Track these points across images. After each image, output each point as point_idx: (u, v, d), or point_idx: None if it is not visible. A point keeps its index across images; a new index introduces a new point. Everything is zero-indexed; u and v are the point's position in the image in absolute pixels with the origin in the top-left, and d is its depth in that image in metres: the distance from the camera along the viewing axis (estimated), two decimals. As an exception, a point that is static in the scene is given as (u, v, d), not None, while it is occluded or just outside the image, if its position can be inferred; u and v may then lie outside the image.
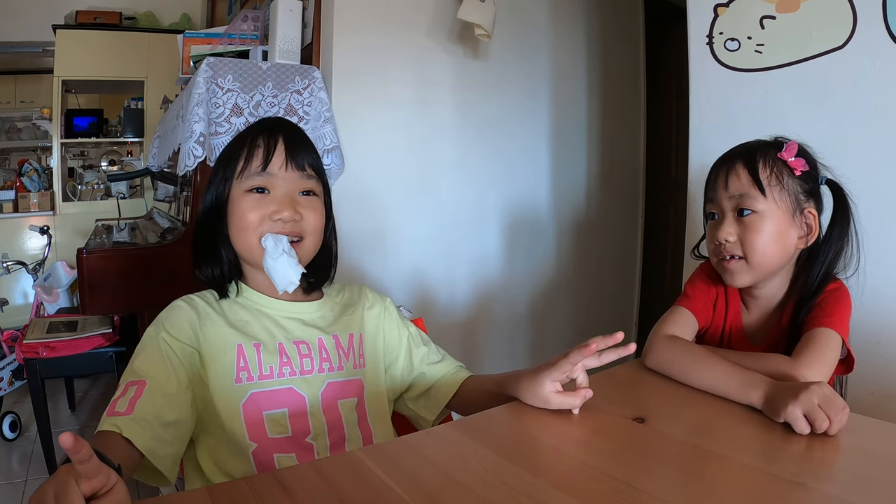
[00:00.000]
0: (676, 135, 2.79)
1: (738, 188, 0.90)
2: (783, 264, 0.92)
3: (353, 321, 0.94)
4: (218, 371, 0.81)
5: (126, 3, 3.99)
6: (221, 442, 0.80)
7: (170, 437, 0.74)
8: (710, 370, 0.82)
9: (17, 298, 3.71)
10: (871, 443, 0.69)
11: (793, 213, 0.90)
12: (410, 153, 2.04)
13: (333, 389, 0.86)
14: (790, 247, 0.91)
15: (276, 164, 0.85)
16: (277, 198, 0.85)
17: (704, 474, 0.61)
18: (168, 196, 2.56)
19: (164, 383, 0.76)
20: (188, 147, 1.67)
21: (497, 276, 2.30)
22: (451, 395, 0.94)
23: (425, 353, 0.98)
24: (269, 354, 0.84)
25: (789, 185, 0.90)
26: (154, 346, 0.80)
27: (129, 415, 0.70)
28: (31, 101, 4.35)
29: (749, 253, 0.90)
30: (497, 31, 1.98)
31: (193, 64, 1.91)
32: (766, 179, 0.89)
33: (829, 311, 0.86)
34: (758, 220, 0.89)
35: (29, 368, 2.00)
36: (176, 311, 0.85)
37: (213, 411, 0.80)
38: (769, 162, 0.90)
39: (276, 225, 0.84)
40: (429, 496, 0.57)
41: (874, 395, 1.18)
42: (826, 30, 1.26)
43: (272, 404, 0.82)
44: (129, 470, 0.69)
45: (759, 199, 0.89)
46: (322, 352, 0.88)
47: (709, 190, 0.96)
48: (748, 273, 0.91)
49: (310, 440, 0.82)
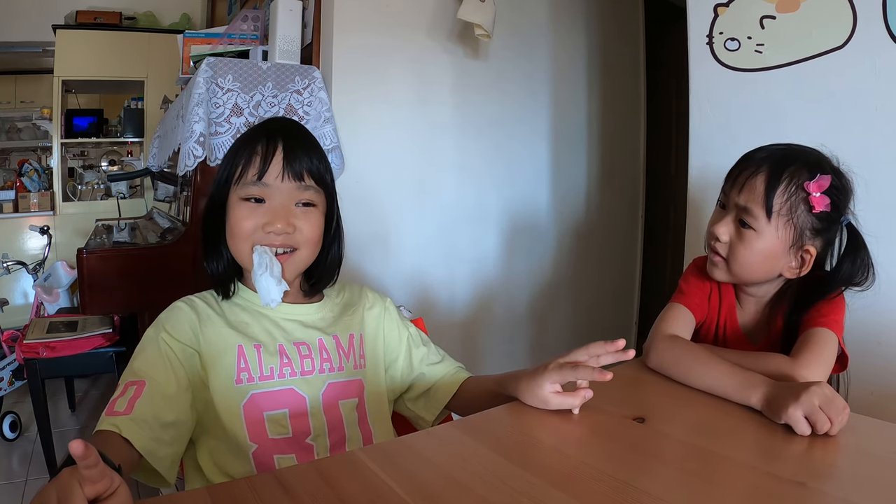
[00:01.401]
0: (676, 134, 2.79)
1: (748, 199, 0.87)
2: (764, 281, 0.93)
3: (354, 322, 0.94)
4: (218, 372, 0.81)
5: (126, 3, 3.99)
6: (222, 443, 0.80)
7: (168, 437, 0.74)
8: (710, 371, 0.82)
9: (18, 298, 3.71)
10: (871, 443, 0.69)
11: (790, 245, 0.87)
12: (410, 153, 2.04)
13: (334, 390, 0.86)
14: (775, 271, 0.90)
15: (273, 175, 0.82)
16: (272, 209, 0.83)
17: (705, 474, 0.61)
18: (168, 196, 2.57)
19: (163, 384, 0.76)
20: (188, 147, 1.67)
21: (497, 276, 2.30)
22: (450, 396, 0.93)
23: (425, 353, 0.98)
24: (270, 355, 0.84)
25: (799, 220, 0.86)
26: (154, 347, 0.79)
27: (128, 415, 0.70)
28: (32, 101, 4.35)
29: (732, 261, 0.90)
30: (497, 31, 1.98)
31: (193, 64, 1.91)
32: (778, 206, 0.85)
33: (825, 311, 0.86)
34: (752, 238, 0.87)
35: (29, 368, 2.00)
36: (176, 313, 0.84)
37: (214, 412, 0.80)
38: (791, 187, 0.85)
39: (269, 236, 0.83)
40: (429, 496, 0.57)
41: (874, 394, 1.18)
42: (826, 29, 1.26)
43: (273, 405, 0.81)
44: (128, 470, 0.69)
45: (762, 220, 0.86)
46: (323, 352, 0.87)
47: (727, 180, 0.93)
48: (726, 275, 0.93)
49: (310, 441, 0.82)
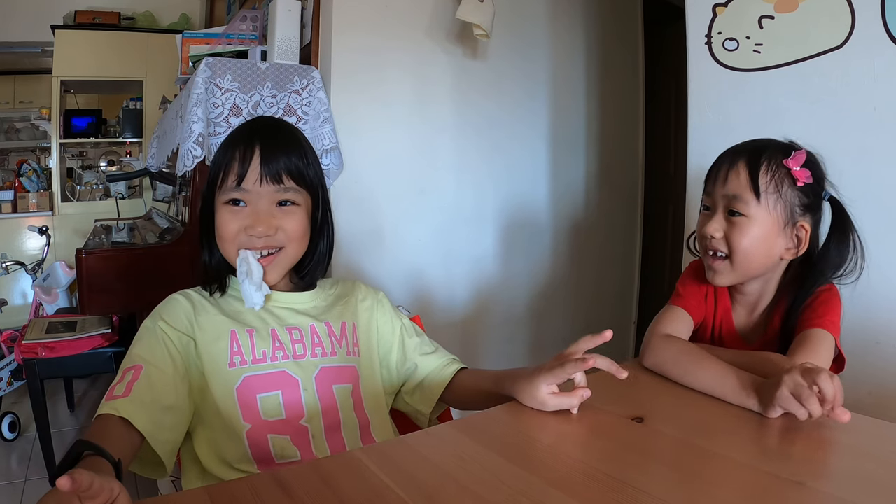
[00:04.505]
0: (675, 134, 2.79)
1: (735, 188, 0.89)
2: (766, 270, 0.92)
3: (346, 311, 0.96)
4: (213, 357, 0.83)
5: (125, 3, 3.98)
6: (217, 429, 0.81)
7: (168, 422, 0.76)
8: (706, 372, 0.82)
9: (16, 299, 3.71)
10: (869, 442, 0.69)
11: (784, 224, 0.88)
12: (409, 153, 2.04)
13: (327, 374, 0.87)
14: (775, 255, 0.90)
15: (251, 180, 0.84)
16: (253, 212, 0.85)
17: (703, 473, 0.61)
18: (167, 196, 2.57)
19: (161, 367, 0.78)
20: (187, 147, 1.67)
21: (496, 276, 2.30)
22: (443, 387, 0.94)
23: (418, 343, 0.99)
24: (262, 339, 0.86)
25: (787, 196, 0.88)
26: (151, 335, 0.82)
27: (126, 397, 0.72)
28: (30, 101, 4.35)
29: (733, 255, 0.89)
30: (496, 31, 1.98)
31: (192, 64, 1.91)
32: (764, 185, 0.87)
33: (821, 312, 0.86)
34: (746, 224, 0.88)
35: (28, 369, 2.00)
36: (172, 303, 0.87)
37: (210, 398, 0.82)
38: (773, 167, 0.88)
39: (251, 239, 0.85)
40: (428, 496, 0.57)
41: (872, 394, 1.18)
42: (824, 30, 1.26)
43: (266, 387, 0.83)
44: (129, 459, 0.70)
45: (752, 204, 0.87)
46: (314, 337, 0.89)
47: (707, 182, 0.94)
48: (731, 273, 0.91)
49: (304, 423, 0.83)
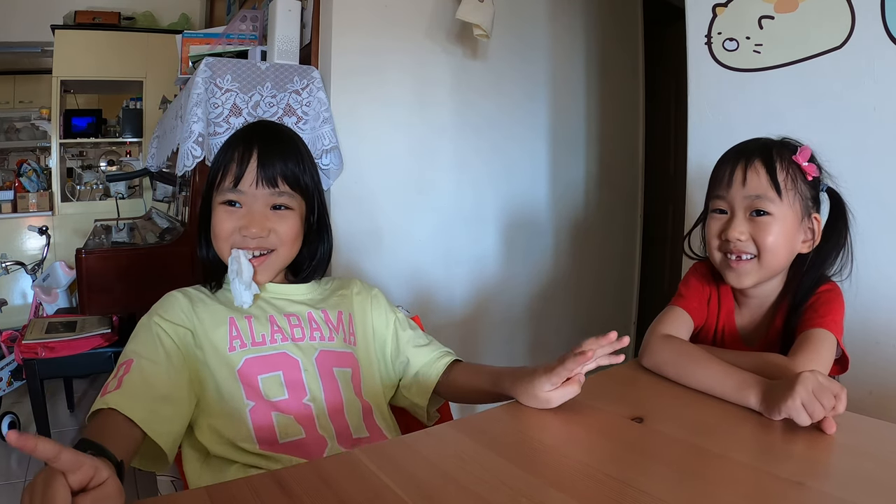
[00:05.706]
0: (675, 134, 2.79)
1: (756, 188, 0.88)
2: (786, 267, 0.92)
3: (343, 302, 0.98)
4: (213, 344, 0.84)
5: (125, 3, 3.98)
6: (220, 415, 0.82)
7: (166, 412, 0.76)
8: (706, 371, 0.82)
9: (16, 299, 3.71)
10: (869, 442, 0.69)
11: (801, 218, 0.89)
12: (409, 153, 2.04)
13: (327, 357, 0.89)
14: (795, 251, 0.91)
15: (247, 182, 0.87)
16: (248, 214, 0.88)
17: (703, 473, 0.61)
18: (167, 196, 2.57)
19: (153, 359, 0.79)
20: (187, 147, 1.67)
21: (496, 276, 2.30)
22: (436, 379, 0.95)
23: (411, 335, 1.00)
24: (261, 324, 0.87)
25: (802, 190, 0.88)
26: (145, 331, 0.83)
27: (117, 390, 0.73)
28: (30, 101, 4.34)
29: (762, 252, 0.88)
30: (496, 31, 1.98)
31: (192, 64, 1.91)
32: (783, 182, 0.87)
33: (823, 311, 0.86)
34: (772, 222, 0.87)
35: (28, 369, 2.00)
36: (169, 300, 0.89)
37: (212, 385, 0.83)
38: (785, 164, 0.88)
39: (245, 240, 0.88)
40: (427, 496, 0.57)
41: (872, 394, 1.18)
42: (824, 30, 1.26)
43: (267, 368, 0.84)
44: (131, 454, 0.70)
45: (776, 202, 0.87)
46: (312, 323, 0.91)
47: (718, 186, 0.92)
48: (757, 273, 0.90)
49: (307, 402, 0.84)
